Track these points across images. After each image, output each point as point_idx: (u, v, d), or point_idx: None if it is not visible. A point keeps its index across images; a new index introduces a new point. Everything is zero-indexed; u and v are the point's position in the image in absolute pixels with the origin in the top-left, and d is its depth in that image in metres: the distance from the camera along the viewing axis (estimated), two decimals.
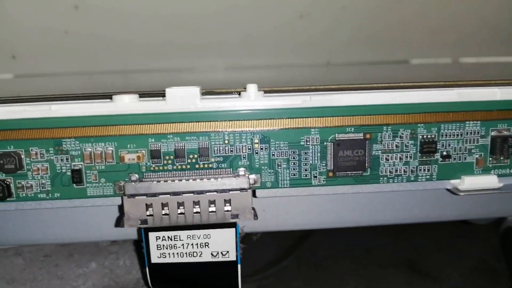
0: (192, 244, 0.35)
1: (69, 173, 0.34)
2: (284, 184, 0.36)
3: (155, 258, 0.35)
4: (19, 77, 0.71)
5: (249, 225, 0.41)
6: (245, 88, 0.35)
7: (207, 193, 0.34)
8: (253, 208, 0.35)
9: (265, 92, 0.36)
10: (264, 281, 0.74)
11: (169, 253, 0.35)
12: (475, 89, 0.36)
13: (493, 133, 0.36)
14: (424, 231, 0.82)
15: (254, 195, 0.36)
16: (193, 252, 0.35)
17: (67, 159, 0.34)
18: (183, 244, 0.35)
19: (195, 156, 0.35)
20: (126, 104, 0.34)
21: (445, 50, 0.80)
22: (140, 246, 0.36)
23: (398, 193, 0.40)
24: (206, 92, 0.37)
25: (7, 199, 0.34)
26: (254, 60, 0.74)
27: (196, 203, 0.34)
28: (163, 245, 0.35)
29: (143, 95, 0.36)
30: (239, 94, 0.35)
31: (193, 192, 0.34)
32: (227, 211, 0.34)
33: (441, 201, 0.41)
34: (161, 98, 0.35)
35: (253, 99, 0.35)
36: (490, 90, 0.36)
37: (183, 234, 0.35)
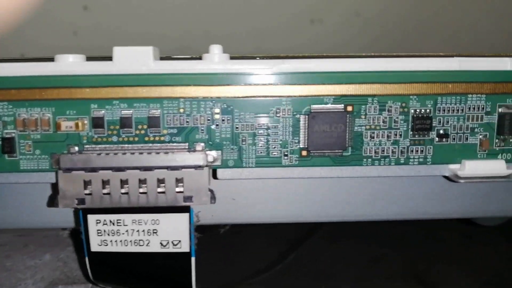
0: (138, 231, 0.30)
1: None
2: (249, 163, 0.30)
3: (95, 246, 0.30)
4: None
5: (219, 215, 0.36)
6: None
7: (155, 170, 0.29)
8: (211, 190, 0.29)
9: (232, 58, 0.31)
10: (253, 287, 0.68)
11: (111, 241, 0.30)
12: (480, 58, 0.30)
13: (501, 110, 0.30)
14: (436, 240, 0.75)
15: (214, 176, 0.31)
16: (140, 240, 0.30)
17: None
18: (127, 230, 0.30)
19: (144, 126, 0.30)
20: (69, 64, 0.30)
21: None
22: (79, 232, 0.31)
23: (388, 182, 0.34)
24: (165, 58, 0.32)
25: None
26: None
27: (143, 181, 0.29)
28: (105, 231, 0.30)
29: (91, 58, 0.31)
30: (201, 58, 0.30)
31: (139, 168, 0.29)
32: (179, 192, 0.29)
33: (441, 193, 0.35)
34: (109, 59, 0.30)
35: (217, 61, 0.30)
36: (499, 60, 0.30)
37: (127, 218, 0.30)
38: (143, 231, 0.30)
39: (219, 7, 0.81)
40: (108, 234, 0.30)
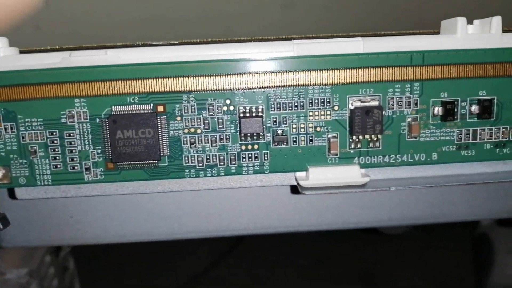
0: None
1: None
2: (44, 181, 0.25)
3: None
4: None
5: (57, 235, 0.31)
6: None
7: None
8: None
9: (23, 51, 0.25)
10: None
11: None
12: (323, 40, 0.24)
13: (352, 103, 0.24)
14: (387, 240, 0.72)
15: (13, 196, 0.26)
16: None
17: None
18: None
19: None
20: None
21: None
22: None
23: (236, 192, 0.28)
24: None
25: None
26: None
27: None
28: None
29: None
30: None
31: None
32: None
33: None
34: None
35: (1, 55, 0.24)
36: (348, 41, 0.24)
37: None
38: None
39: None
40: None
